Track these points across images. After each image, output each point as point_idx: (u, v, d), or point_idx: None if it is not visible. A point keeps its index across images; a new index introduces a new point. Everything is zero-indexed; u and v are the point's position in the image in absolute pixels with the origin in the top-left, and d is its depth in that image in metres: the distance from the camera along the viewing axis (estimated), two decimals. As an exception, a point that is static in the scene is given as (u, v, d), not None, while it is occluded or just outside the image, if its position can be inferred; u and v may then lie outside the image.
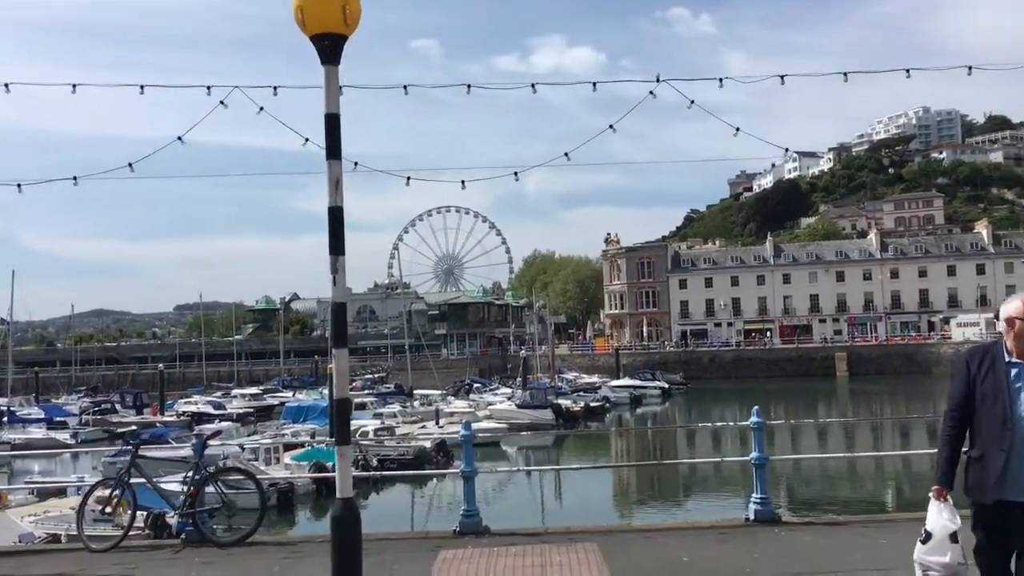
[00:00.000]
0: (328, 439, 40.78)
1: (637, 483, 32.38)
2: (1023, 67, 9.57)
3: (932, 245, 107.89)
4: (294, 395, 70.20)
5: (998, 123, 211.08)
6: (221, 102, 9.27)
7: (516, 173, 10.01)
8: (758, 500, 8.87)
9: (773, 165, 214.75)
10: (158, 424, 50.05)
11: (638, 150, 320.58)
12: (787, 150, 10.06)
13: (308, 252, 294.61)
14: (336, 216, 5.36)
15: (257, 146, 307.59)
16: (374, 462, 35.23)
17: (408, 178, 9.20)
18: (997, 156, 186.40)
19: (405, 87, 9.45)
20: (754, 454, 9.02)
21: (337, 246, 5.30)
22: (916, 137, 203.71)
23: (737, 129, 9.37)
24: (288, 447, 36.46)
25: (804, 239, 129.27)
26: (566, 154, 9.66)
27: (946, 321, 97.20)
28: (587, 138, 9.83)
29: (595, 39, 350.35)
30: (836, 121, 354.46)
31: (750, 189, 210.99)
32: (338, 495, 5.49)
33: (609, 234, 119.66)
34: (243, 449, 31.27)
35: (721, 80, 9.26)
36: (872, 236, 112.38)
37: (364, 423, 45.02)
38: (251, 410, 64.40)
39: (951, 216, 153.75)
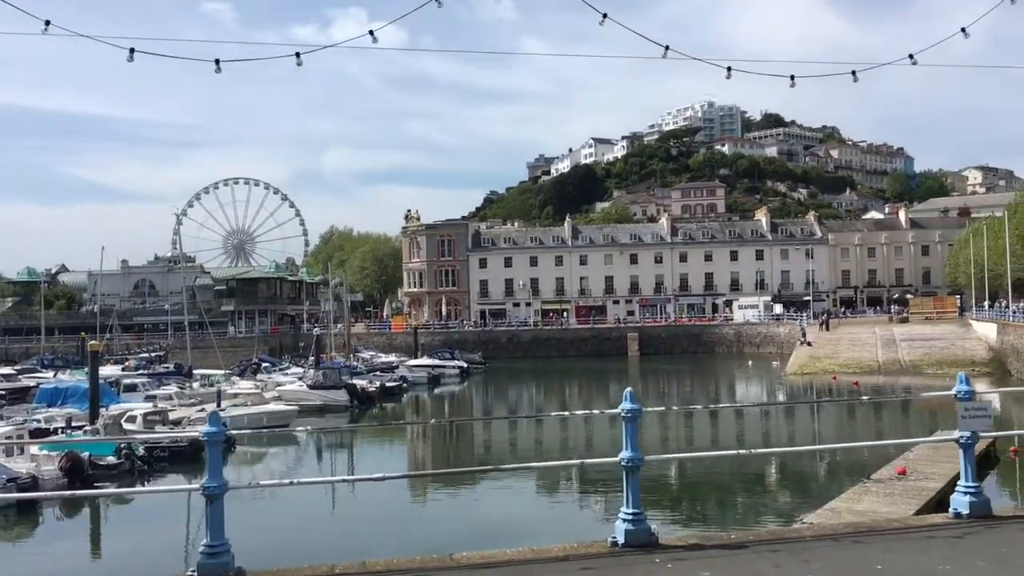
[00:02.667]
0: (89, 426, 36.12)
1: (457, 487, 25.62)
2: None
3: (717, 231, 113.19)
4: (55, 376, 62.82)
5: (773, 121, 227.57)
6: None
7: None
8: (630, 516, 6.54)
9: (570, 150, 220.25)
10: None
11: (439, 131, 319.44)
12: (729, 69, 7.96)
13: (81, 222, 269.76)
14: None
15: (24, 105, 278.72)
16: (140, 451, 31.23)
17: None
18: (772, 151, 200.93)
19: None
20: (625, 453, 6.64)
21: None
22: (701, 130, 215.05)
23: (667, 48, 7.15)
24: (37, 434, 32.37)
25: (599, 222, 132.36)
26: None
27: (728, 303, 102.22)
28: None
29: (396, 14, 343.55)
30: (629, 111, 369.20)
31: (548, 173, 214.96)
32: None
33: (409, 211, 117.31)
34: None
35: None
36: (663, 221, 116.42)
37: (133, 407, 40.43)
38: (1, 392, 56.89)
39: (731, 205, 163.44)
